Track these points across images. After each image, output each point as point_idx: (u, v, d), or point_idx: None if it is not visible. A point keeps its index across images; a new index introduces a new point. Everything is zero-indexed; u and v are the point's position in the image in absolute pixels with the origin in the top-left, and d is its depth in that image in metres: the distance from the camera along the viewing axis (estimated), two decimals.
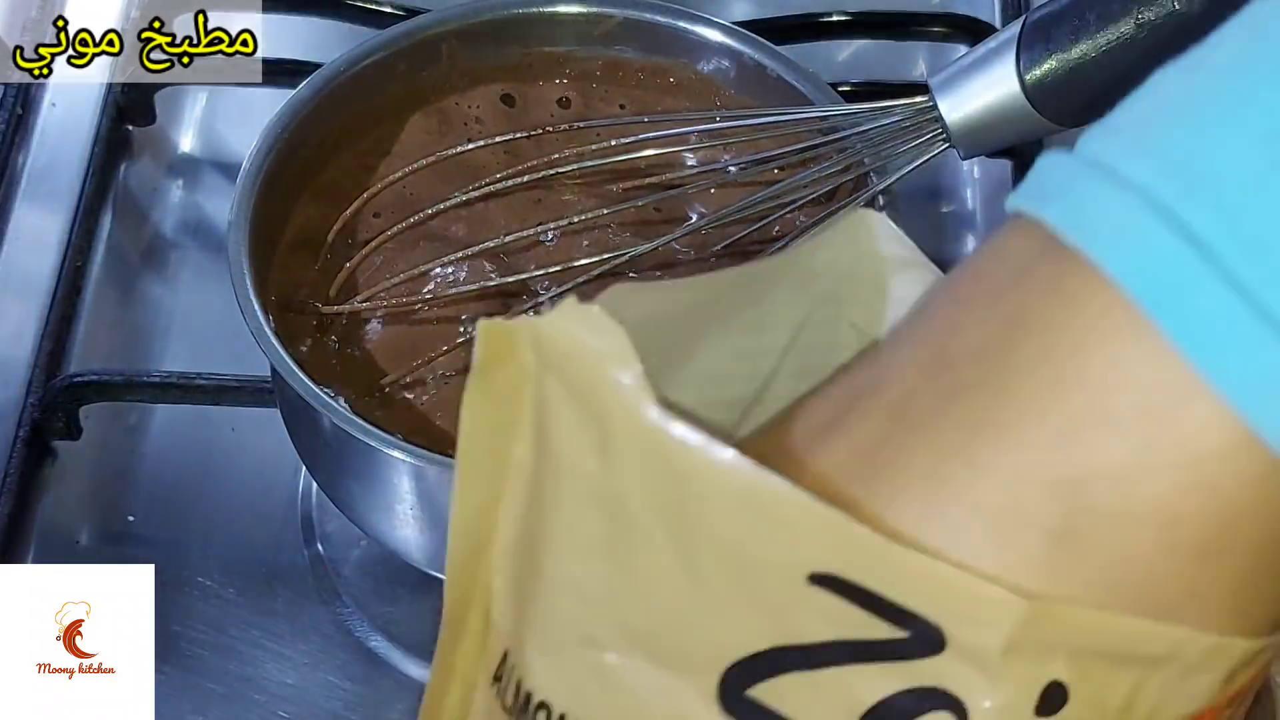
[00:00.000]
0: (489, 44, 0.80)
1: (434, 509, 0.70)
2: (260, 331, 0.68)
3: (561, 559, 0.38)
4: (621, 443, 0.36)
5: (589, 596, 0.37)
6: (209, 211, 0.91)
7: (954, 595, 0.34)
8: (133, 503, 0.81)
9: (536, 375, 0.37)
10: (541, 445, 0.38)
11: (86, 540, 0.80)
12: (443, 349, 0.72)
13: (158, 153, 0.93)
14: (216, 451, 0.83)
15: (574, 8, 0.80)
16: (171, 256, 0.90)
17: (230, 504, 0.81)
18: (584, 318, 0.36)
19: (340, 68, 0.77)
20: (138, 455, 0.83)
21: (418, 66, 0.79)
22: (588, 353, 0.36)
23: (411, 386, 0.71)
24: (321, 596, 0.78)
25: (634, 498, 0.36)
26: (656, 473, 0.35)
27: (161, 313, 0.88)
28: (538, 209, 0.76)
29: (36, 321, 0.83)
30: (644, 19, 0.79)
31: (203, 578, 0.78)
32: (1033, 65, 0.66)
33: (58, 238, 0.86)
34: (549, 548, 0.38)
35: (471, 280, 0.73)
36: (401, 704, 0.75)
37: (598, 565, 0.37)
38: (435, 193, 0.76)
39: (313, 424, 0.70)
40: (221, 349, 0.82)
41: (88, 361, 0.83)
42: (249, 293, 0.69)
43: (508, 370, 0.38)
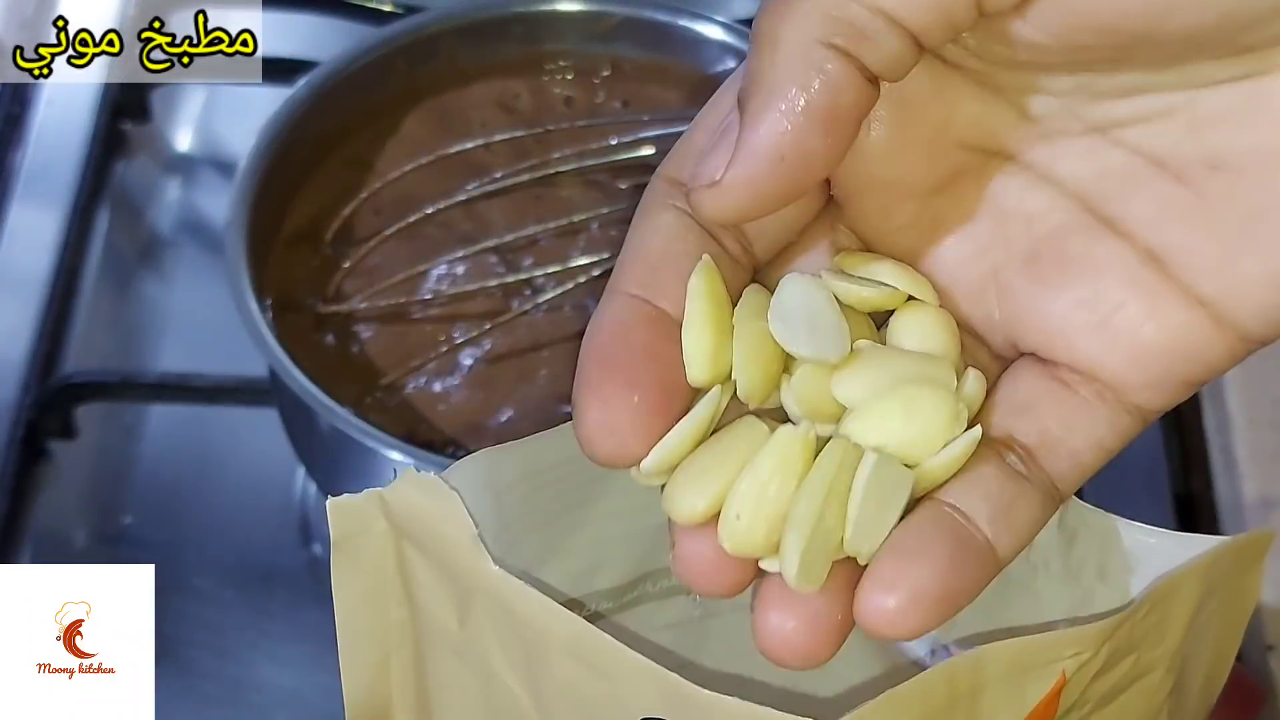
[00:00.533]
0: (488, 42, 0.80)
1: None
2: (257, 331, 0.68)
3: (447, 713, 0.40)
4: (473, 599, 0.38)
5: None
6: (206, 210, 0.91)
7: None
8: (129, 503, 0.81)
9: (395, 541, 0.39)
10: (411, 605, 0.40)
11: (82, 541, 0.80)
12: (442, 348, 0.71)
13: (154, 151, 0.93)
14: (213, 452, 0.82)
15: (575, 6, 0.79)
16: (168, 256, 0.90)
17: (227, 505, 0.81)
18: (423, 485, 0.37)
19: (339, 66, 0.77)
20: (134, 456, 0.82)
21: (417, 64, 0.79)
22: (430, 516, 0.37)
23: (410, 386, 0.71)
24: (319, 598, 0.78)
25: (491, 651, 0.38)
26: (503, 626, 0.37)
27: (158, 312, 0.88)
28: (538, 207, 0.76)
29: (32, 321, 0.82)
30: (645, 17, 0.79)
31: (200, 579, 0.78)
32: None
33: (54, 237, 0.85)
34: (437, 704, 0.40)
35: (471, 279, 0.73)
36: None
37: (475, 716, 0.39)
38: (435, 191, 0.75)
39: (311, 424, 0.70)
40: (219, 349, 0.82)
41: (84, 361, 0.83)
42: (246, 292, 0.69)
43: (367, 539, 0.39)
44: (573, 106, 0.79)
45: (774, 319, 0.34)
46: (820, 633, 0.34)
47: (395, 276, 0.73)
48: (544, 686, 0.37)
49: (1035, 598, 0.43)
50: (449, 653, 0.39)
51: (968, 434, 0.34)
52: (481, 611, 0.38)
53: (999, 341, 0.37)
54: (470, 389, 0.71)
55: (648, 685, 0.35)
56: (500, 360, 0.72)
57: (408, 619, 0.40)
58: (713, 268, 0.34)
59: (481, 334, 0.72)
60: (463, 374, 0.71)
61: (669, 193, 0.36)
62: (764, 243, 0.36)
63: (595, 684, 0.36)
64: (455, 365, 0.72)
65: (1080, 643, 0.37)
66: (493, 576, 0.37)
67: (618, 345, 0.34)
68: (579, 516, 0.43)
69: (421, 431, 0.69)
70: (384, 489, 0.38)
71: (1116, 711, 0.41)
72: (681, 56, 0.79)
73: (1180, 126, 0.34)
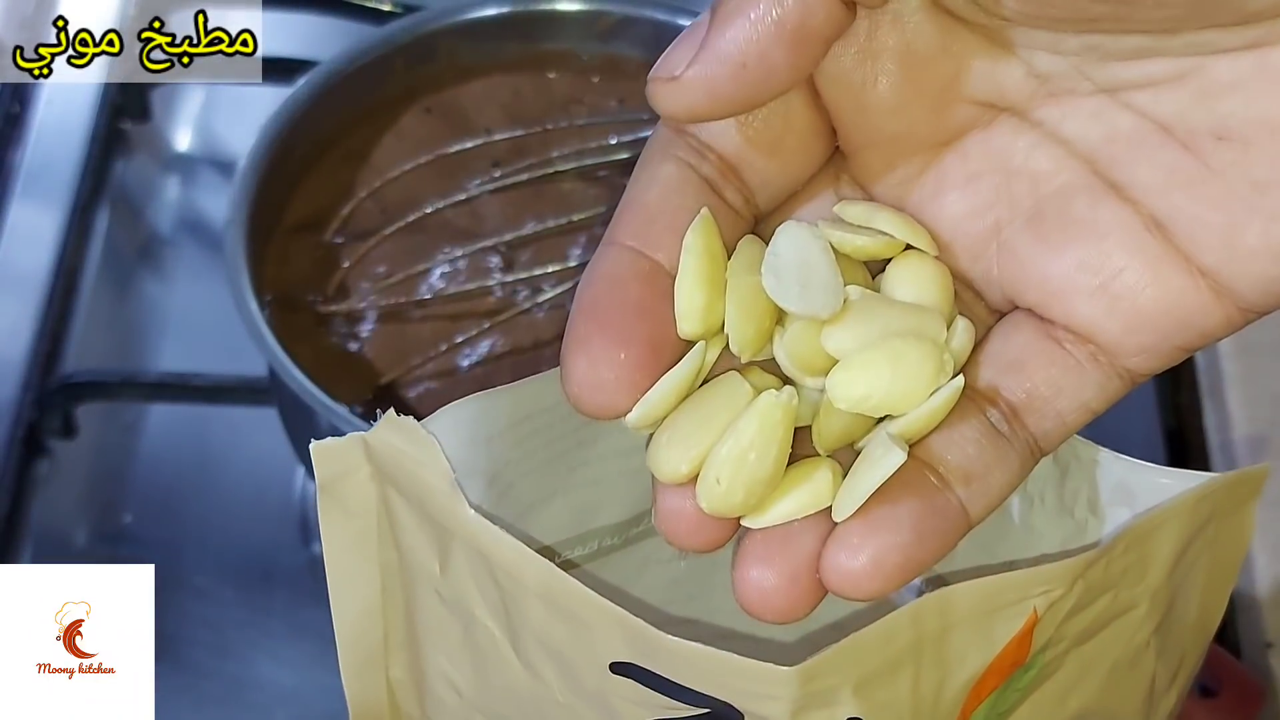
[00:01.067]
0: (488, 41, 0.80)
1: None
2: (257, 330, 0.68)
3: (434, 657, 0.40)
4: (453, 544, 0.38)
5: (461, 690, 0.40)
6: (206, 209, 0.91)
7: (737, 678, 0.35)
8: (129, 502, 0.81)
9: (379, 483, 0.39)
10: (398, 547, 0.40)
11: (82, 540, 0.80)
12: (442, 348, 0.71)
13: (154, 150, 0.93)
14: (213, 451, 0.82)
15: (574, 5, 0.79)
16: (168, 255, 0.90)
17: (227, 504, 0.81)
18: (403, 429, 0.38)
19: (339, 65, 0.77)
20: (134, 455, 0.82)
21: (416, 63, 0.79)
22: (409, 461, 0.38)
23: (410, 385, 0.71)
24: (319, 597, 0.77)
25: (471, 596, 0.38)
26: (480, 571, 0.37)
27: (158, 311, 0.88)
28: (538, 206, 0.76)
29: (32, 320, 0.82)
30: (644, 16, 0.79)
31: (200, 578, 0.78)
32: None
33: (54, 236, 0.85)
34: (424, 645, 0.40)
35: (470, 278, 0.73)
36: None
37: (461, 662, 0.40)
38: (434, 190, 0.75)
39: (310, 423, 0.70)
40: (219, 348, 0.82)
41: (84, 360, 0.83)
42: (246, 291, 0.69)
43: (353, 482, 0.39)
44: (572, 105, 0.79)
45: (767, 273, 0.34)
46: (799, 588, 0.34)
47: (395, 276, 0.73)
48: (520, 630, 0.38)
49: (1029, 531, 0.44)
50: (433, 595, 0.39)
51: (950, 384, 0.34)
52: (461, 556, 0.38)
53: (997, 297, 0.37)
54: (470, 388, 0.71)
55: (615, 631, 0.36)
56: (500, 360, 0.72)
57: (396, 562, 0.40)
58: (710, 222, 0.34)
59: (481, 333, 0.72)
60: (462, 373, 0.71)
61: (671, 141, 0.36)
62: (767, 194, 0.36)
63: (567, 629, 0.37)
64: (455, 365, 0.72)
65: (1050, 580, 0.37)
66: (470, 522, 0.37)
67: (608, 299, 0.34)
68: (578, 457, 0.43)
69: None
70: (366, 433, 0.38)
71: (1095, 648, 0.41)
72: None
73: (1189, 94, 0.34)
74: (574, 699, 0.38)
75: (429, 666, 0.41)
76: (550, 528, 0.43)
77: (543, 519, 0.42)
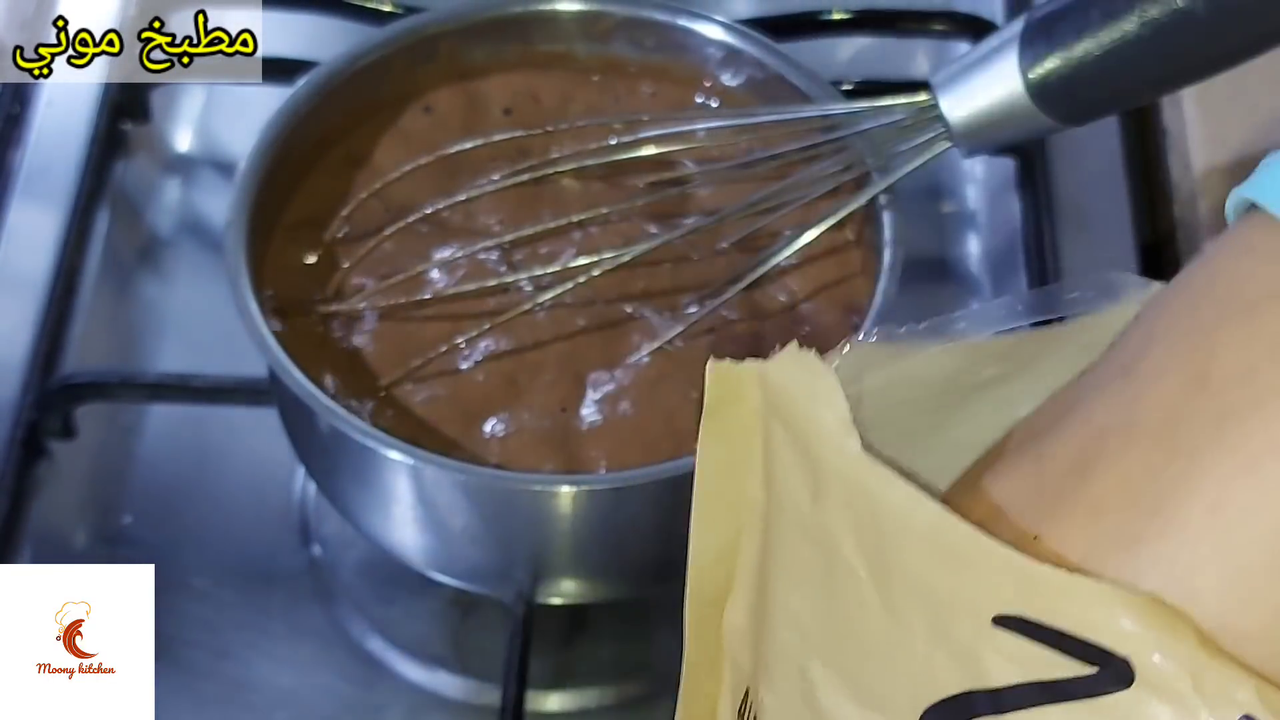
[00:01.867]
0: (488, 42, 0.79)
1: (432, 510, 0.70)
2: (257, 331, 0.68)
3: (783, 592, 0.40)
4: (830, 480, 0.37)
5: (804, 628, 0.39)
6: (206, 210, 0.91)
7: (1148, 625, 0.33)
8: (128, 504, 0.81)
9: (764, 416, 0.39)
10: (769, 484, 0.39)
11: (82, 541, 0.80)
12: (442, 348, 0.71)
13: (154, 151, 0.93)
14: (213, 452, 0.82)
15: (574, 6, 0.79)
16: (168, 256, 0.90)
17: (227, 505, 0.81)
18: (803, 362, 0.38)
19: (339, 66, 0.77)
20: (134, 456, 0.82)
21: (417, 64, 0.79)
22: (803, 394, 0.37)
23: (411, 386, 0.71)
24: (319, 598, 0.78)
25: (841, 534, 0.37)
26: (859, 510, 0.37)
27: (158, 312, 0.88)
28: (538, 206, 0.76)
29: (32, 321, 0.82)
30: (644, 17, 0.79)
31: (199, 579, 0.78)
32: (1035, 63, 0.65)
33: (53, 237, 0.85)
34: (775, 582, 0.40)
35: (470, 279, 0.73)
36: (398, 706, 0.75)
37: (812, 597, 0.39)
38: (434, 191, 0.75)
39: (310, 425, 0.70)
40: (218, 349, 0.82)
41: (83, 361, 0.83)
42: (246, 292, 0.69)
43: (738, 410, 0.39)
44: (572, 106, 0.79)
45: None
46: None
47: (395, 276, 0.73)
48: (893, 573, 0.37)
49: None
50: (797, 531, 0.39)
51: None
52: (838, 493, 0.37)
53: None
54: (470, 388, 0.71)
55: (1007, 578, 0.35)
56: (500, 360, 0.72)
57: (762, 497, 0.40)
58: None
59: (481, 334, 0.72)
60: (463, 374, 0.71)
61: None
62: None
63: (949, 576, 0.36)
64: (456, 365, 0.72)
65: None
66: (858, 460, 0.36)
67: None
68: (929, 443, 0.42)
69: (422, 432, 0.69)
70: (766, 362, 0.38)
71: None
72: (681, 56, 0.79)
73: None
74: (936, 650, 0.36)
75: (776, 607, 0.40)
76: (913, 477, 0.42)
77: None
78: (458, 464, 0.66)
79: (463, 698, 0.75)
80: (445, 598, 0.77)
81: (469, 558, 0.72)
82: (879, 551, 0.37)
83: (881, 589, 0.37)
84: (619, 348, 0.72)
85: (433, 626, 0.77)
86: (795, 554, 0.39)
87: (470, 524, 0.70)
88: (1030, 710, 0.35)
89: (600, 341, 0.72)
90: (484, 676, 0.74)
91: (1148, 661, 0.33)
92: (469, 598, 0.76)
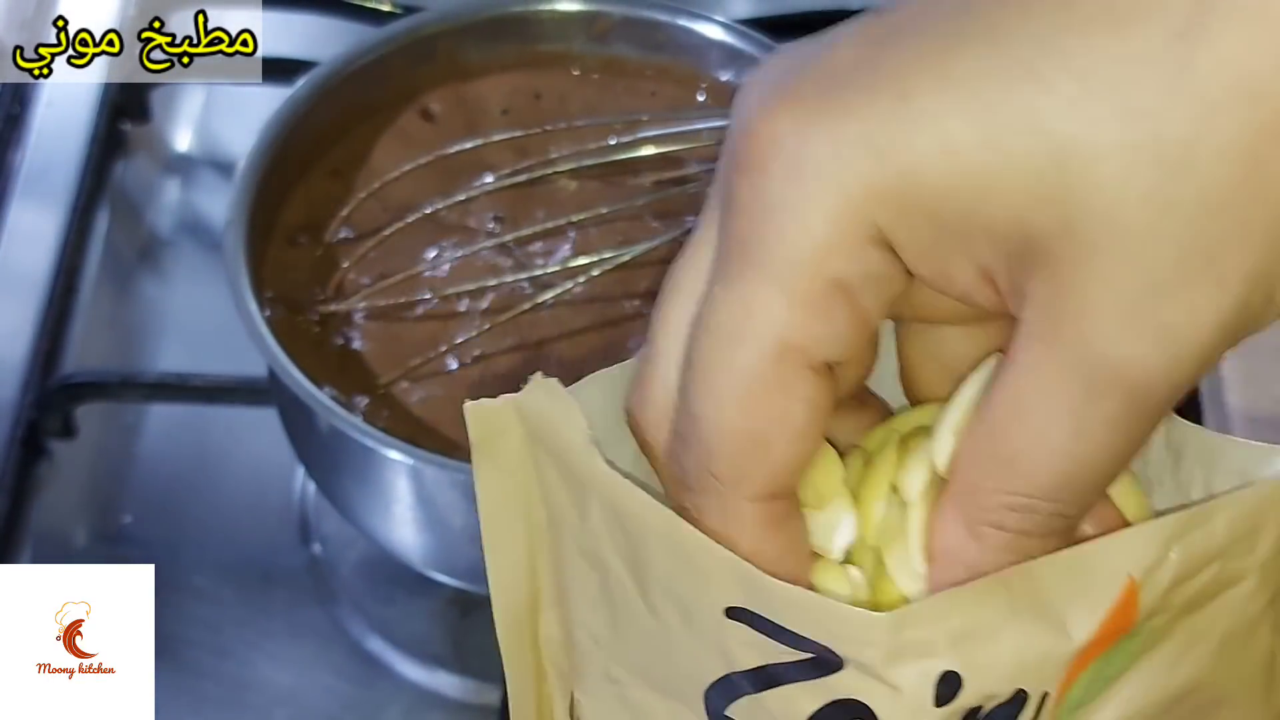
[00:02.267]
0: (487, 42, 0.80)
1: (431, 509, 0.70)
2: (257, 331, 0.68)
3: (574, 605, 0.43)
4: (589, 497, 0.40)
5: (598, 635, 0.42)
6: (206, 210, 0.91)
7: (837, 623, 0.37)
8: (128, 503, 0.81)
9: (531, 444, 0.41)
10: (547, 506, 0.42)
11: (82, 540, 0.80)
12: (441, 348, 0.71)
13: (154, 151, 0.93)
14: (213, 452, 0.82)
15: (573, 6, 0.79)
16: (168, 255, 0.90)
17: (227, 505, 0.81)
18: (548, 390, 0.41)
19: (338, 65, 0.77)
20: (134, 455, 0.82)
21: (415, 64, 0.79)
22: (554, 419, 0.40)
23: (410, 386, 0.71)
24: (318, 597, 0.78)
25: (606, 546, 0.40)
26: (611, 522, 0.40)
27: (158, 312, 0.88)
28: (537, 206, 0.76)
29: (32, 321, 0.82)
30: (644, 16, 0.79)
31: (199, 578, 0.78)
32: None
33: (53, 237, 0.85)
34: (568, 595, 0.43)
35: (471, 278, 0.73)
36: (397, 705, 0.75)
37: (599, 611, 0.42)
38: (434, 190, 0.75)
39: (310, 424, 0.70)
40: (218, 348, 0.82)
41: (83, 361, 0.83)
42: (246, 292, 0.69)
43: (507, 442, 0.42)
44: (572, 106, 0.79)
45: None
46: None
47: (395, 276, 0.73)
48: (646, 577, 0.40)
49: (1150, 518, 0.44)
50: (574, 547, 0.41)
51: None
52: (596, 509, 0.40)
53: None
54: (470, 389, 0.71)
55: (730, 575, 0.38)
56: (500, 359, 0.72)
57: (544, 520, 0.42)
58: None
59: (481, 334, 0.72)
60: (462, 374, 0.71)
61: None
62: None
63: (687, 575, 0.39)
64: (455, 365, 0.72)
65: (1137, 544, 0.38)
66: (603, 475, 0.39)
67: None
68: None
69: (421, 431, 0.69)
70: (517, 395, 0.41)
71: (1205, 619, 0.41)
72: (681, 56, 0.79)
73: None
74: (693, 640, 0.39)
75: (573, 619, 0.43)
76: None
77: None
78: (458, 464, 0.66)
79: (462, 697, 0.75)
80: (445, 597, 0.77)
81: (469, 557, 0.72)
82: (634, 557, 0.40)
83: (643, 592, 0.40)
84: (620, 347, 0.72)
85: (432, 626, 0.77)
86: (576, 569, 0.42)
87: (470, 524, 0.70)
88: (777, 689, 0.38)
89: (601, 340, 0.72)
90: (483, 676, 0.74)
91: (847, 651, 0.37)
92: (469, 598, 0.76)
